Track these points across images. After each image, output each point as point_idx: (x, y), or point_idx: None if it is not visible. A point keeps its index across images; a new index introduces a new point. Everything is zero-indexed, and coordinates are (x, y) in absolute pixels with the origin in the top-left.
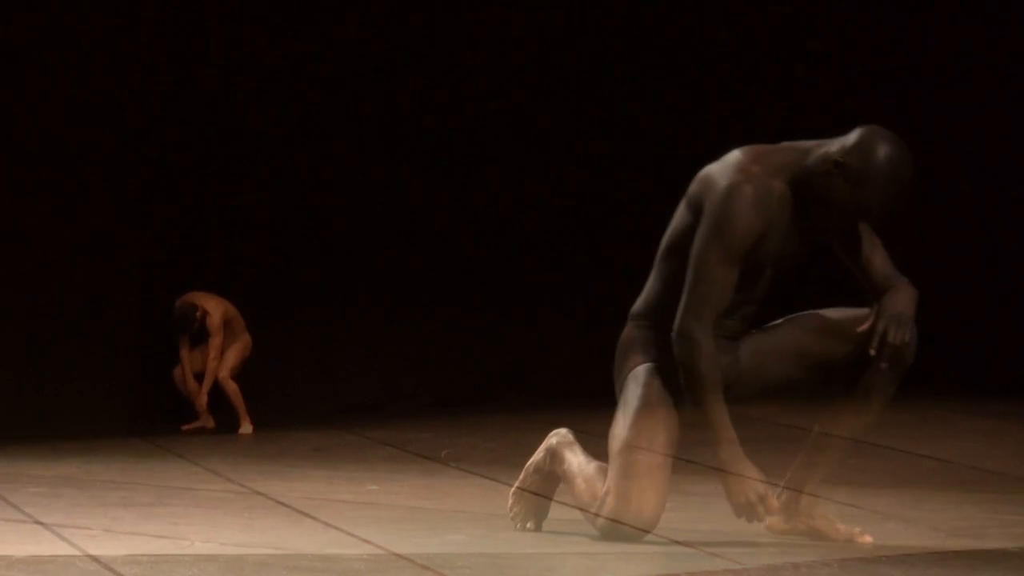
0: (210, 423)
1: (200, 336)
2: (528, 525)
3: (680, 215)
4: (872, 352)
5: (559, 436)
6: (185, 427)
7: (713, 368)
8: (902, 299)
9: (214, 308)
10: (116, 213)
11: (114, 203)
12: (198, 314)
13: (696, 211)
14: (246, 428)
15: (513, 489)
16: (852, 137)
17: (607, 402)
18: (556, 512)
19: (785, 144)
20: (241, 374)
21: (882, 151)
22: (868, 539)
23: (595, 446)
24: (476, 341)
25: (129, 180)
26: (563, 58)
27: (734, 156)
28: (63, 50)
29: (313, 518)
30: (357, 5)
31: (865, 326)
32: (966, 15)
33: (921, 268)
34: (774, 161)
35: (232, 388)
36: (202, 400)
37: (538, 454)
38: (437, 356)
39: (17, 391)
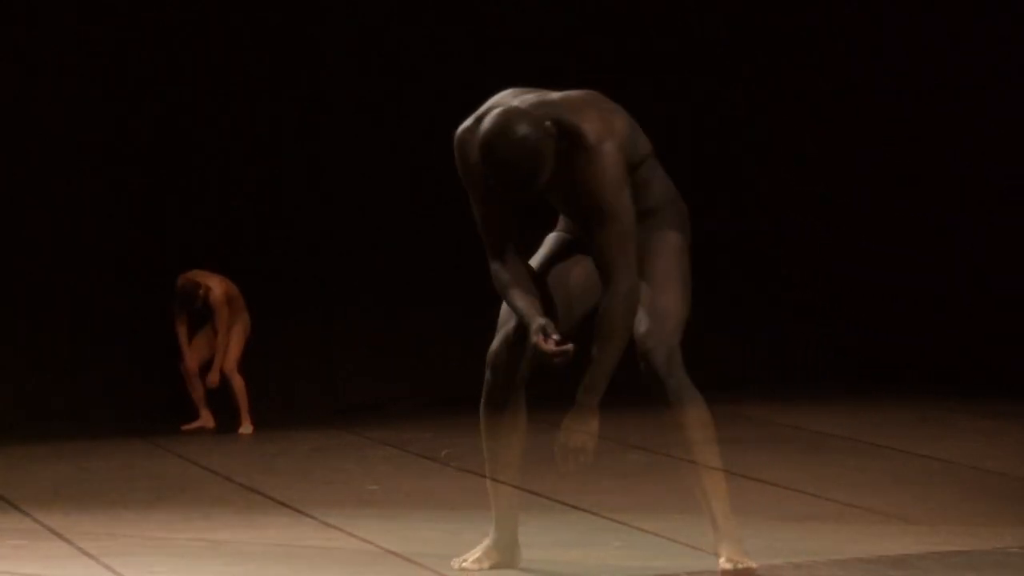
0: (210, 423)
1: (202, 316)
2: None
3: None
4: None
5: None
6: (185, 427)
7: (518, 297)
8: (577, 437)
9: (216, 284)
10: (115, 215)
11: (113, 205)
12: (201, 291)
13: None
14: (246, 428)
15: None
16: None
17: (607, 402)
18: (552, 516)
19: (525, 91)
20: (243, 369)
21: (481, 133)
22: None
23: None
24: (476, 341)
25: (128, 180)
26: (561, 61)
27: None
28: (64, 48)
29: (312, 517)
30: (364, 5)
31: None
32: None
33: (922, 268)
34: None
35: (238, 383)
36: (213, 377)
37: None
38: (437, 356)
39: (17, 391)
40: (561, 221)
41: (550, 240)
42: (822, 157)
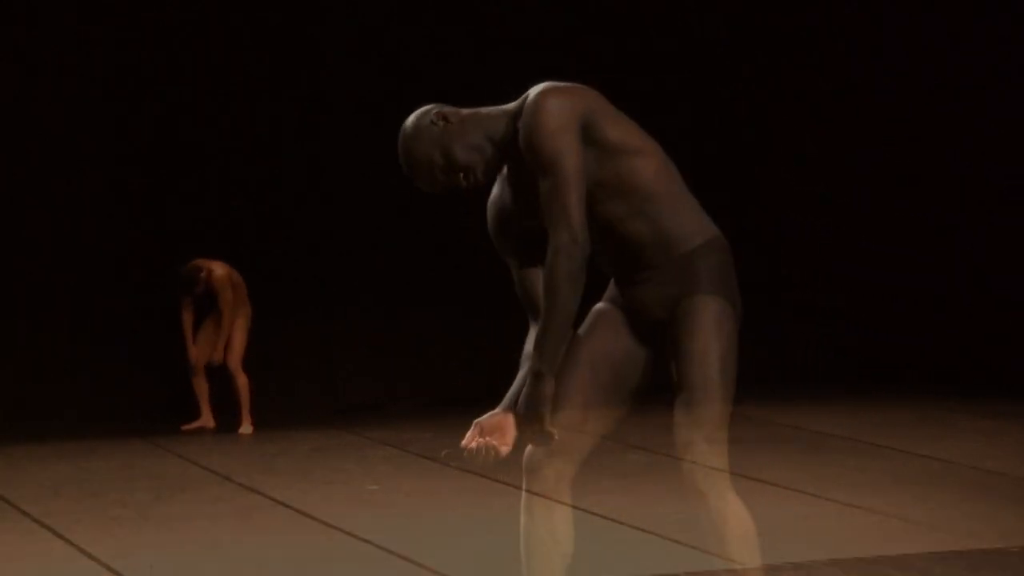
0: (210, 423)
1: (208, 304)
2: None
3: None
4: None
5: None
6: (185, 427)
7: (517, 379)
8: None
9: (218, 267)
10: (115, 215)
11: (113, 205)
12: (202, 275)
13: None
14: (246, 428)
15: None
16: None
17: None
18: None
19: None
20: (247, 367)
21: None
22: None
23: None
24: (476, 341)
25: (129, 181)
26: (561, 61)
27: None
28: (65, 49)
29: (312, 518)
30: (364, 5)
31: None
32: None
33: (922, 268)
34: None
35: (243, 382)
36: (218, 355)
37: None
38: (437, 356)
39: (17, 391)
40: (609, 289)
41: (594, 313)
42: (822, 157)
